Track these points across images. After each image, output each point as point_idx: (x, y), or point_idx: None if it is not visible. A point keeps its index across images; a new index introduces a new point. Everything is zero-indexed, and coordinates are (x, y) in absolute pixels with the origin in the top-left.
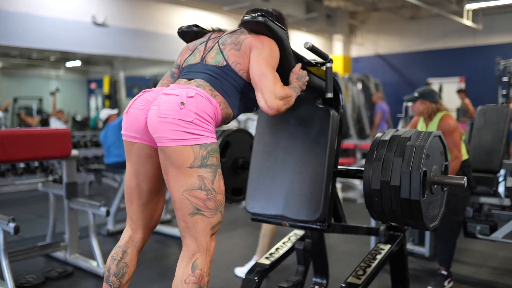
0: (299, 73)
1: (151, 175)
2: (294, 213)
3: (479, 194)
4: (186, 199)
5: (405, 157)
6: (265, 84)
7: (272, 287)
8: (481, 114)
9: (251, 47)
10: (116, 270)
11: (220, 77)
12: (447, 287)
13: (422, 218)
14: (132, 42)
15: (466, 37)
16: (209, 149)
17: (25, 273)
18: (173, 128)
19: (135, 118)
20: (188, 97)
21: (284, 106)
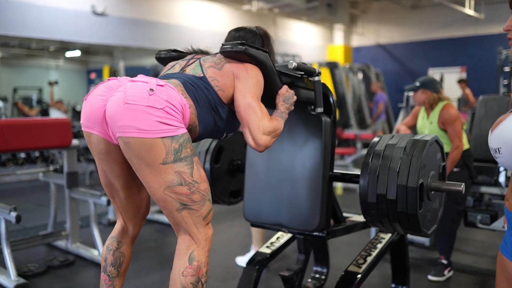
0: (285, 94)
1: (117, 172)
2: (292, 222)
3: (480, 183)
4: (169, 197)
5: (400, 170)
6: (252, 119)
7: (273, 276)
8: (483, 104)
9: (235, 75)
10: (113, 260)
11: (195, 85)
12: (447, 276)
13: (420, 229)
14: (132, 31)
15: (467, 26)
16: (181, 141)
17: (27, 261)
18: (142, 116)
19: (93, 105)
20: (158, 85)
21: (272, 140)
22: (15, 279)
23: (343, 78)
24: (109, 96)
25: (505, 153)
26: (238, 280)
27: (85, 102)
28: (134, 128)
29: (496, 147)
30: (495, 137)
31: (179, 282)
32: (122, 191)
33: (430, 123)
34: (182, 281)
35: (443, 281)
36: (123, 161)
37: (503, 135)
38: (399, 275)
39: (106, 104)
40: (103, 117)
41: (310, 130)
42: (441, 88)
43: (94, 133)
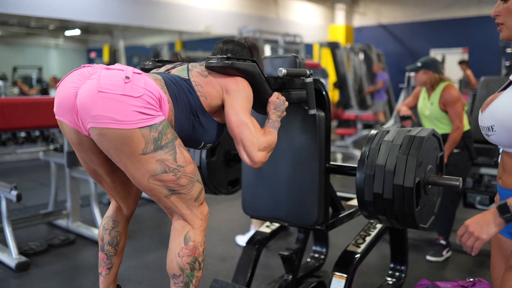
0: (276, 102)
1: (96, 160)
2: (291, 217)
3: (480, 165)
4: (155, 185)
5: (396, 170)
6: (246, 136)
7: (272, 255)
8: (484, 85)
9: (225, 89)
10: (109, 239)
11: (178, 85)
12: (445, 256)
13: (417, 226)
14: (132, 10)
15: (470, 7)
16: (160, 129)
17: (28, 240)
18: (117, 105)
19: (64, 93)
20: (134, 73)
21: (268, 155)
22: (17, 257)
23: (344, 58)
24: (81, 84)
25: (498, 130)
26: (237, 259)
27: (57, 88)
28: (109, 118)
29: (489, 125)
30: (488, 115)
31: (175, 263)
32: (107, 177)
33: (431, 104)
34: (178, 261)
35: (442, 261)
36: (99, 151)
37: (496, 113)
38: (398, 255)
39: (77, 92)
40: (73, 106)
41: (305, 125)
42: (443, 69)
43: (66, 122)
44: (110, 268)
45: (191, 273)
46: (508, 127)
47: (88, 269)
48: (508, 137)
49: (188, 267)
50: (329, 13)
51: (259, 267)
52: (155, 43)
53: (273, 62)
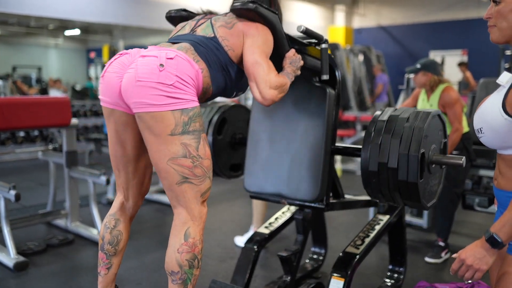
0: (292, 57)
1: (134, 142)
2: (292, 192)
3: (479, 166)
4: (172, 168)
5: (403, 139)
6: (259, 73)
7: (271, 256)
8: (483, 87)
9: (245, 33)
10: (110, 239)
11: (206, 46)
12: (444, 258)
13: (419, 199)
14: (131, 10)
15: (470, 8)
16: (191, 115)
17: (27, 240)
18: (152, 92)
19: (110, 82)
20: (168, 59)
21: (279, 95)
22: (15, 257)
23: (343, 59)
24: (123, 73)
25: (486, 132)
26: (236, 260)
27: (102, 79)
28: (145, 104)
29: (478, 127)
30: (477, 118)
31: (174, 259)
32: (132, 163)
33: (430, 106)
34: (177, 258)
35: (440, 263)
36: (139, 133)
37: (484, 115)
38: (397, 256)
39: (121, 81)
40: (120, 93)
41: (315, 102)
42: (442, 71)
43: (116, 108)
44: (109, 268)
45: (190, 271)
46: (494, 128)
47: (87, 269)
48: (495, 138)
49: (187, 264)
50: (329, 14)
51: (257, 268)
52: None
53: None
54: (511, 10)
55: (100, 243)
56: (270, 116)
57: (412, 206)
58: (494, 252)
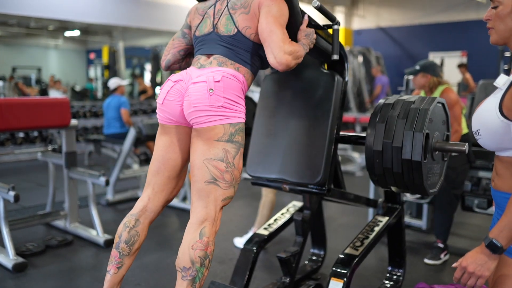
0: (307, 30)
1: (184, 148)
2: (295, 175)
3: (478, 168)
4: (206, 166)
5: (408, 118)
6: (274, 40)
7: (270, 258)
8: (482, 89)
9: (260, 4)
10: (127, 237)
11: (235, 47)
12: (443, 259)
13: (422, 181)
14: (131, 11)
15: (469, 10)
16: (237, 128)
17: (26, 241)
18: (205, 114)
19: (171, 108)
20: (216, 82)
21: (293, 61)
22: (14, 258)
23: None
24: (182, 100)
25: (483, 134)
26: (235, 261)
27: (162, 105)
28: (201, 122)
29: (476, 129)
30: (475, 120)
31: (188, 255)
32: (174, 168)
33: None
34: (191, 254)
35: (439, 264)
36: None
37: (481, 117)
38: (396, 258)
39: (182, 106)
40: (181, 113)
41: (322, 88)
42: (441, 72)
43: (180, 125)
44: (119, 267)
45: (201, 269)
46: (491, 130)
47: (85, 270)
48: (492, 140)
49: (199, 261)
50: None
51: (257, 269)
52: (155, 44)
53: None
54: (508, 13)
55: (116, 241)
56: (276, 101)
57: (414, 190)
58: (496, 258)
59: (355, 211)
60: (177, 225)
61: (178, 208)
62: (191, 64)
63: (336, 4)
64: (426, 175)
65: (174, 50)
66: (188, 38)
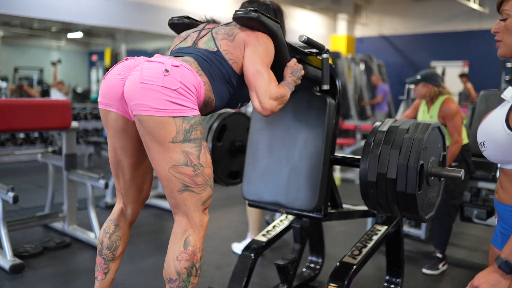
0: (294, 67)
1: (130, 150)
2: (290, 201)
3: (478, 178)
4: (173, 176)
5: (402, 149)
6: (260, 83)
7: (268, 264)
8: (483, 99)
9: (246, 42)
10: (109, 244)
11: (209, 60)
12: (441, 269)
13: (417, 211)
14: (134, 14)
15: (472, 20)
16: (192, 123)
17: (24, 242)
18: (156, 95)
19: (112, 84)
20: (173, 66)
21: (278, 106)
22: (11, 259)
23: (345, 68)
24: (127, 75)
25: (489, 146)
26: (233, 267)
27: (104, 80)
28: (147, 106)
29: (481, 140)
30: (480, 131)
31: (173, 267)
32: (129, 171)
33: (430, 117)
34: (176, 265)
35: (437, 274)
36: (137, 139)
37: (487, 129)
38: (394, 267)
39: (125, 82)
40: (122, 95)
41: (315, 111)
42: (443, 82)
43: (113, 110)
44: (106, 273)
45: (187, 279)
46: (497, 143)
47: (83, 273)
48: (498, 152)
49: (185, 272)
50: (331, 23)
51: (254, 276)
52: (157, 47)
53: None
54: None
55: (98, 248)
56: (270, 124)
57: (410, 218)
58: (509, 277)
59: (354, 219)
60: None
61: None
62: None
63: (339, 12)
64: (421, 204)
65: None
66: None
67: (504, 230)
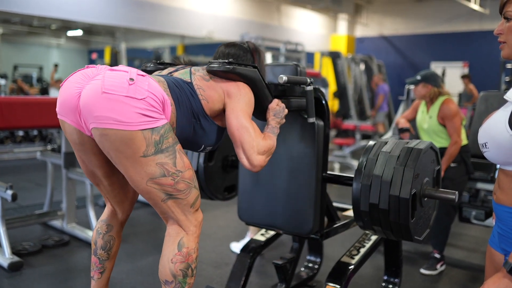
0: (276, 108)
1: (97, 162)
2: (286, 225)
3: (476, 179)
4: (153, 188)
5: (393, 181)
6: (245, 139)
7: (266, 264)
8: (483, 100)
9: (227, 93)
10: (102, 244)
11: (180, 88)
12: (439, 270)
13: (411, 238)
14: (135, 13)
15: (472, 21)
16: (162, 132)
17: (22, 240)
18: (121, 107)
19: (67, 92)
20: (139, 75)
21: (266, 159)
22: (10, 257)
23: (345, 68)
24: (85, 84)
25: (491, 148)
26: (231, 266)
27: (61, 88)
28: (112, 119)
29: (483, 142)
30: (482, 132)
31: (168, 269)
32: (105, 179)
33: (430, 118)
34: (171, 268)
35: (435, 275)
36: (100, 152)
37: (489, 130)
38: (392, 267)
39: (81, 92)
40: (77, 106)
41: (304, 133)
42: (443, 83)
43: (67, 121)
44: (102, 272)
45: (183, 280)
46: (499, 144)
47: (81, 271)
48: (499, 154)
49: (181, 274)
50: (332, 22)
51: (252, 275)
52: (157, 46)
53: (274, 69)
54: None
55: (93, 248)
56: None
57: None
58: None
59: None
60: None
61: None
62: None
63: (339, 12)
64: (414, 229)
65: None
66: None
67: (502, 231)
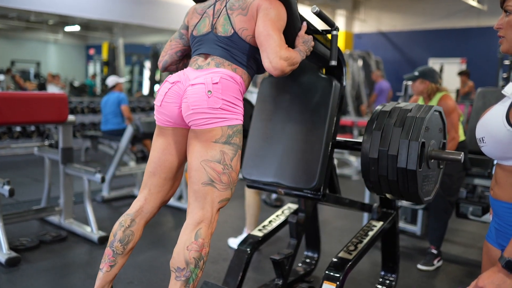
0: (305, 37)
1: (182, 151)
2: (290, 180)
3: (474, 175)
4: (203, 168)
5: (404, 127)
6: (270, 44)
7: (264, 259)
8: (481, 96)
9: (258, 7)
10: (122, 237)
11: (232, 48)
12: (436, 265)
13: (417, 189)
14: (132, 8)
15: (470, 17)
16: (235, 130)
17: (20, 235)
18: (204, 116)
19: (169, 110)
20: (214, 84)
21: (288, 67)
22: (7, 252)
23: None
24: (179, 102)
25: (488, 142)
26: (229, 262)
27: (160, 107)
28: (199, 124)
29: (480, 136)
30: (480, 127)
31: (182, 255)
32: (171, 170)
33: None
34: (186, 254)
35: (432, 270)
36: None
37: (486, 125)
38: (389, 263)
39: (180, 108)
40: (180, 116)
41: (320, 94)
42: (440, 79)
43: (171, 126)
44: (112, 266)
45: (194, 270)
46: (497, 138)
47: (79, 266)
48: (497, 148)
49: (194, 262)
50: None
51: (250, 271)
52: (155, 41)
53: None
54: None
55: (110, 240)
56: (274, 105)
57: (409, 198)
58: None
59: (350, 215)
60: (171, 224)
61: (173, 207)
62: (188, 65)
63: (337, 8)
64: (421, 183)
65: (171, 51)
66: (186, 39)
67: (499, 226)
